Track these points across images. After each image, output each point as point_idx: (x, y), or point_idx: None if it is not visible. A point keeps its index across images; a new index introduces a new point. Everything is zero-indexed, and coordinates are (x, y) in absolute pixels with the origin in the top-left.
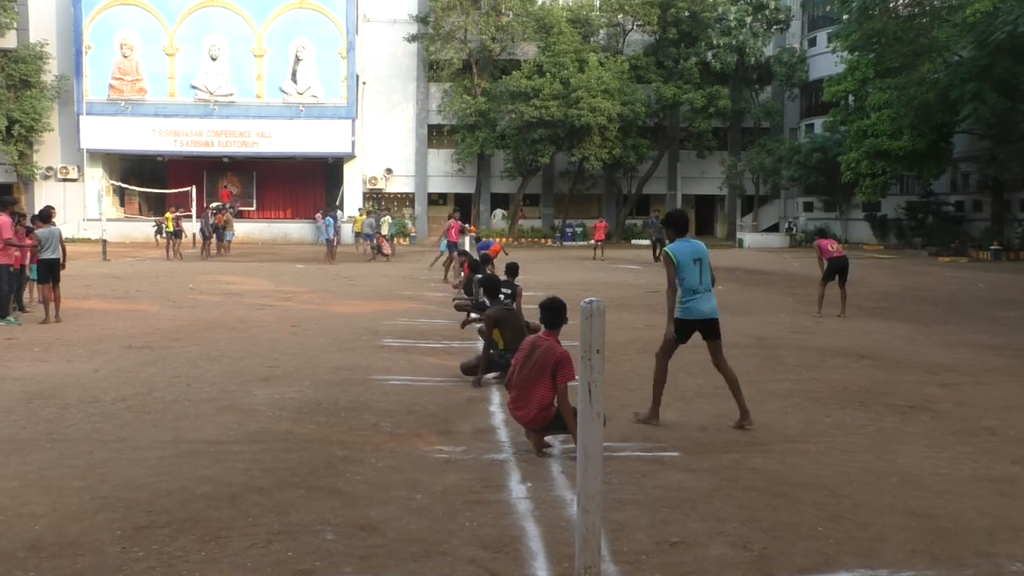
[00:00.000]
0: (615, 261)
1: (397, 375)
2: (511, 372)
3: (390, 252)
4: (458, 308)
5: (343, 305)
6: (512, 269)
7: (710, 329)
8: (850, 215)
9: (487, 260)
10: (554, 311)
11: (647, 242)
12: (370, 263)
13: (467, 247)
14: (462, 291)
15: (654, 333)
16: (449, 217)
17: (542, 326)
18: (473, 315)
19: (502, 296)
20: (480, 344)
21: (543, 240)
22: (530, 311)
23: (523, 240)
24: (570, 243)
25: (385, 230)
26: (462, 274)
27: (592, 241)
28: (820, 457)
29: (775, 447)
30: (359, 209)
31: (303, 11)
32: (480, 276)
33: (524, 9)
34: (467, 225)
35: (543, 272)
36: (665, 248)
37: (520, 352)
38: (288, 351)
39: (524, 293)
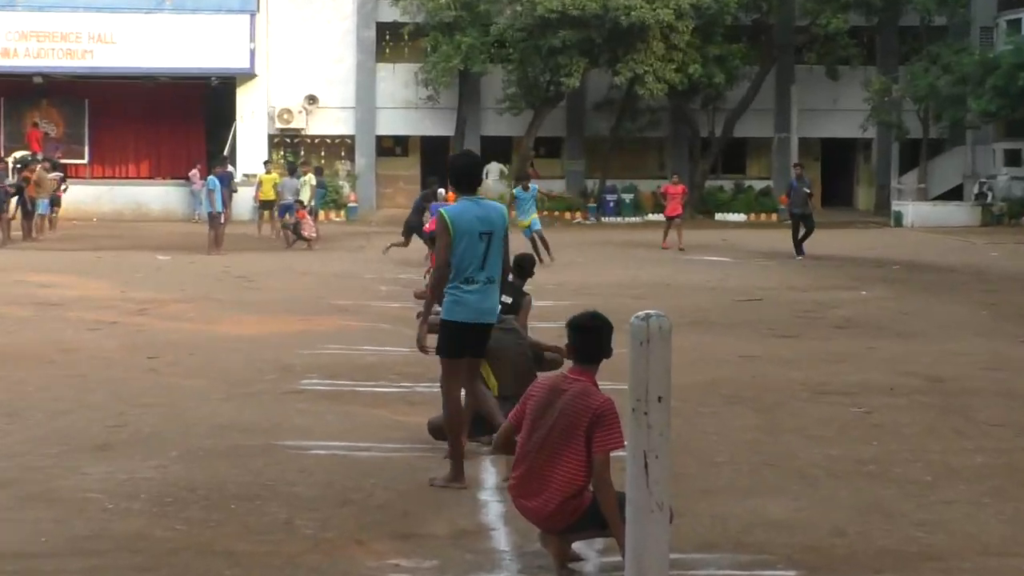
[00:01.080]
0: (689, 249)
1: (324, 440)
2: (505, 431)
3: (313, 234)
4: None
5: (236, 323)
6: (524, 265)
7: (478, 340)
8: None
9: None
10: (591, 334)
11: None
12: (285, 252)
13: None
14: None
15: (754, 368)
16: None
17: (569, 358)
18: None
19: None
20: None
21: (568, 213)
22: (551, 333)
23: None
24: (613, 219)
25: (305, 197)
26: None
27: (664, 216)
28: None
29: (962, 563)
30: (264, 164)
31: None
32: None
33: None
34: (441, 190)
35: (571, 267)
36: (440, 209)
37: (529, 400)
38: (142, 400)
39: (541, 304)
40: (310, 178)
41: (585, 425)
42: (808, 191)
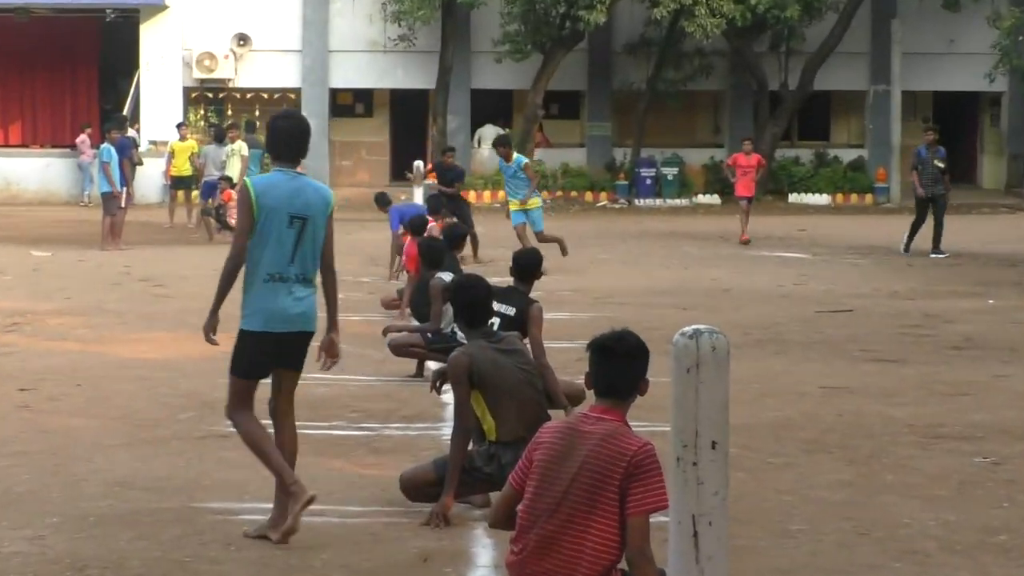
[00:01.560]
0: (755, 241)
1: (259, 501)
2: (504, 500)
3: None
4: (396, 350)
5: (140, 342)
6: (526, 263)
7: (291, 352)
8: None
9: (456, 236)
10: (620, 360)
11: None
12: (207, 247)
13: (417, 199)
14: (406, 311)
15: (843, 403)
16: (444, 154)
17: (591, 392)
18: (434, 365)
19: (494, 322)
20: (447, 432)
21: (590, 194)
22: (565, 356)
23: (548, 193)
24: (651, 201)
25: (234, 172)
26: (403, 271)
27: (739, 200)
28: None
29: None
30: (178, 127)
31: None
32: (443, 277)
33: None
34: (419, 164)
35: (595, 267)
36: (246, 179)
37: (537, 450)
38: (12, 447)
39: (554, 316)
40: (240, 147)
41: (617, 479)
42: (942, 166)
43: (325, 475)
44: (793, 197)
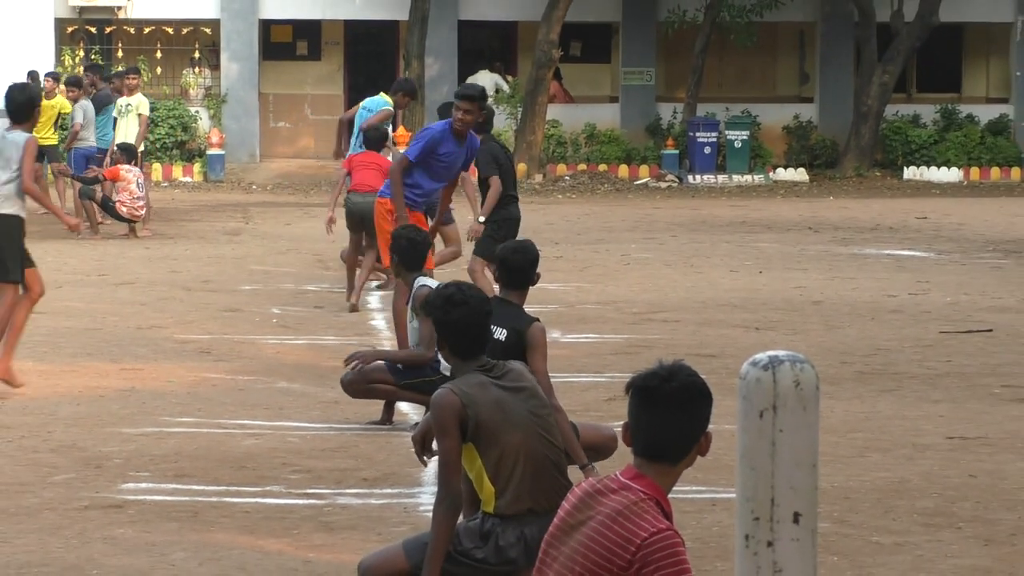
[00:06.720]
0: (857, 232)
1: None
2: None
3: (139, 211)
4: (353, 388)
5: None
6: (518, 263)
7: None
8: None
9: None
10: (669, 407)
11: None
12: (90, 243)
13: None
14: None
15: (978, 460)
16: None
17: (620, 442)
18: (408, 408)
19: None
20: (427, 501)
21: (626, 168)
22: (590, 403)
23: (567, 167)
24: (711, 177)
25: (130, 135)
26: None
27: None
28: None
29: None
30: (48, 76)
31: None
32: (429, 283)
33: None
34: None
35: (633, 270)
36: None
37: (559, 521)
38: None
39: (571, 340)
40: (140, 102)
41: (616, 573)
42: None
43: (256, 561)
44: (910, 172)
